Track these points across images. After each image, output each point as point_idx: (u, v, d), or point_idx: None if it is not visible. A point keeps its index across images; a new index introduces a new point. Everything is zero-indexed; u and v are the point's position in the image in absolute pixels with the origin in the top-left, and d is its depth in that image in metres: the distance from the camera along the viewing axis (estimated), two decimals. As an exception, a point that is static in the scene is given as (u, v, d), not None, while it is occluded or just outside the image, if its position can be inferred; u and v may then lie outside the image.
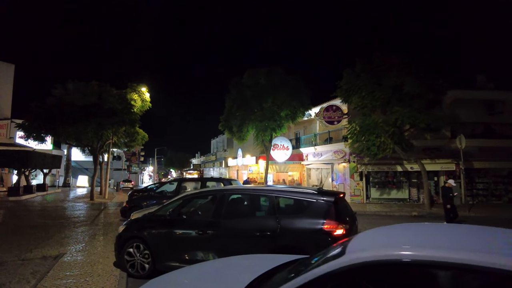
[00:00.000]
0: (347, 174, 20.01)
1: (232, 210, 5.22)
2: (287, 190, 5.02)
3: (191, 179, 12.76)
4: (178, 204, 5.61)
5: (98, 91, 20.27)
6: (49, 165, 24.13)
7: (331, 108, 19.81)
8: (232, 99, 19.84)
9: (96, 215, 13.50)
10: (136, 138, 25.65)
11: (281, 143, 23.84)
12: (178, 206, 5.56)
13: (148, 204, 11.26)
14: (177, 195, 11.04)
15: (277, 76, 18.87)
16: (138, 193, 19.84)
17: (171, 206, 5.75)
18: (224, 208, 5.15)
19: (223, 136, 53.17)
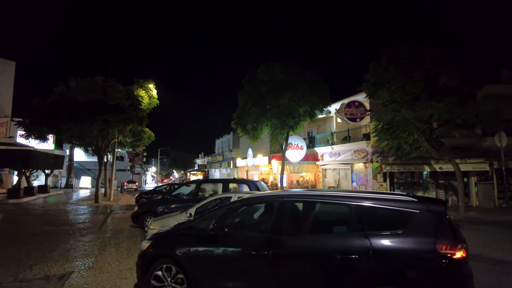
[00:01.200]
0: (370, 174, 18.71)
1: (298, 224, 3.93)
2: (374, 197, 3.73)
3: (210, 180, 11.47)
4: (222, 214, 4.31)
5: (103, 86, 19.00)
6: (51, 165, 22.90)
7: (353, 104, 18.53)
8: (246, 95, 18.56)
9: (103, 220, 12.24)
10: (143, 137, 24.39)
11: (295, 142, 22.59)
12: (222, 217, 4.27)
13: (164, 210, 10.00)
14: (195, 198, 9.83)
15: (294, 70, 17.60)
16: (146, 196, 18.68)
17: (211, 216, 4.47)
18: (286, 220, 3.86)
19: (229, 135, 51.92)
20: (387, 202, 3.62)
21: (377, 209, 3.62)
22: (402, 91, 14.40)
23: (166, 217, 7.38)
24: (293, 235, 3.78)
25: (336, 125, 22.97)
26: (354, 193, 3.91)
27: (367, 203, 3.65)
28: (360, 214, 3.61)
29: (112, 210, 16.06)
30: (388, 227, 3.53)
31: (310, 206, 4.01)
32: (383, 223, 3.66)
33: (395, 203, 3.57)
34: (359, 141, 19.54)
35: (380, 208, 3.62)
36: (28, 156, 19.01)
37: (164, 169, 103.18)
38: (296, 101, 17.52)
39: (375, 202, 3.66)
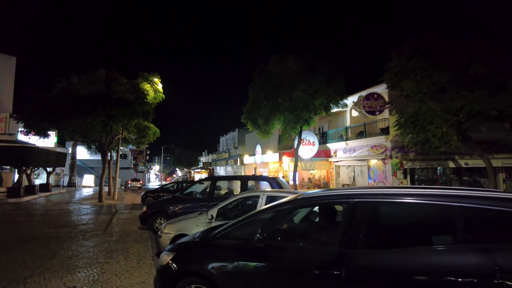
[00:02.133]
0: (389, 171, 17.65)
1: (380, 233, 2.92)
2: (491, 197, 2.70)
3: (226, 177, 10.46)
4: (270, 220, 3.29)
5: (106, 80, 18.00)
6: (52, 163, 21.99)
7: (371, 96, 17.44)
8: (257, 88, 17.53)
9: (108, 222, 11.28)
10: (148, 133, 23.42)
11: (307, 138, 21.57)
12: (269, 223, 3.25)
13: (175, 210, 9.01)
14: (211, 197, 8.83)
15: (309, 61, 16.54)
16: (153, 194, 17.74)
17: (253, 221, 3.44)
18: (362, 228, 2.84)
19: (234, 132, 50.96)
20: (502, 202, 2.60)
21: (498, 213, 2.59)
22: (429, 81, 13.34)
23: (182, 219, 6.38)
24: (373, 249, 2.75)
25: (350, 120, 21.93)
26: (454, 190, 2.88)
27: (482, 204, 2.62)
28: (468, 219, 2.59)
29: (117, 209, 15.10)
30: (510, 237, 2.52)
31: (395, 209, 2.98)
32: (499, 232, 2.64)
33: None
34: (376, 136, 18.47)
35: (491, 210, 2.60)
36: (29, 154, 18.08)
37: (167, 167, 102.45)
38: (311, 94, 16.46)
39: (485, 203, 2.63)
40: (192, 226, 5.95)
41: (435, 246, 2.68)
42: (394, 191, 2.99)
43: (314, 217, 4.07)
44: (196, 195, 9.71)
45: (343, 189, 3.30)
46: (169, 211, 9.17)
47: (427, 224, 2.92)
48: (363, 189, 3.09)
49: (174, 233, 6.02)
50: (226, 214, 6.10)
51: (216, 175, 11.33)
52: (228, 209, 6.13)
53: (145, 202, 17.39)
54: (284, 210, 3.28)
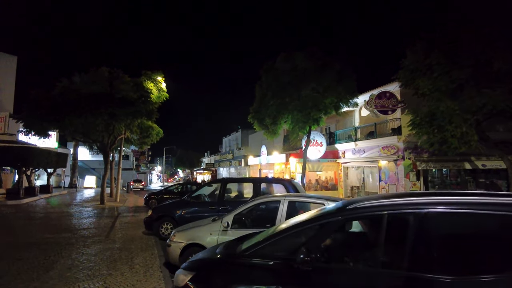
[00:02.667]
0: (401, 173, 17.01)
1: (465, 253, 2.28)
2: None
3: (237, 179, 9.76)
4: (315, 235, 2.65)
5: (109, 78, 17.44)
6: (53, 164, 21.43)
7: (384, 95, 16.80)
8: (265, 86, 16.93)
9: (110, 226, 10.67)
10: (151, 133, 22.85)
11: (314, 138, 20.91)
12: (315, 239, 2.62)
13: (183, 215, 8.41)
14: (221, 201, 8.21)
15: (318, 58, 15.93)
16: (156, 196, 17.13)
17: (291, 235, 2.81)
18: (440, 247, 2.22)
19: (237, 133, 50.38)
20: None
21: None
22: (447, 78, 12.71)
23: (194, 227, 5.75)
24: (460, 275, 2.13)
25: (360, 120, 21.29)
26: None
27: None
28: None
29: (120, 212, 14.51)
30: None
31: (479, 223, 2.35)
32: None
33: None
34: (388, 137, 17.84)
35: None
36: (29, 154, 17.52)
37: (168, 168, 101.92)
38: (321, 92, 15.84)
39: None
40: (205, 235, 5.34)
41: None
42: (469, 200, 2.36)
43: (349, 227, 3.44)
44: (205, 198, 9.10)
45: (405, 195, 2.67)
46: (176, 215, 8.57)
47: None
48: (432, 196, 2.47)
49: (185, 242, 5.41)
50: (243, 221, 5.49)
51: (226, 177, 10.66)
52: (245, 216, 5.51)
53: (149, 204, 16.81)
54: (332, 223, 2.65)
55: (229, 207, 8.18)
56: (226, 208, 8.18)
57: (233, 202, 8.44)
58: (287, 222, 3.32)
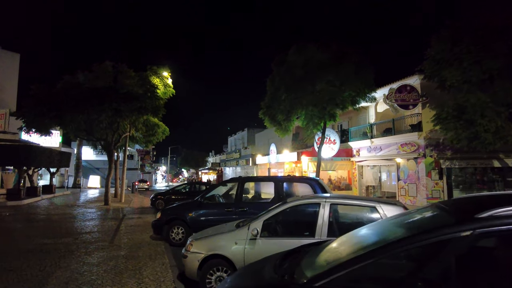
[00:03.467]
0: (422, 171, 16.00)
1: None
2: None
3: (256, 178, 8.80)
4: (440, 261, 1.72)
5: (113, 73, 16.62)
6: (56, 163, 20.64)
7: (404, 88, 15.79)
8: (277, 80, 15.98)
9: (115, 229, 9.80)
10: (157, 131, 22.02)
11: (327, 136, 19.92)
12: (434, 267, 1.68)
13: (197, 218, 7.52)
14: (238, 202, 7.29)
15: (335, 50, 14.95)
16: (163, 197, 16.27)
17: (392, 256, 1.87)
18: None
19: (243, 132, 49.49)
20: None
21: None
22: (478, 69, 11.72)
23: (215, 234, 4.83)
24: None
25: (375, 116, 20.28)
26: None
27: None
28: None
29: (125, 214, 13.65)
30: None
31: None
32: None
33: None
34: (407, 133, 16.83)
35: None
36: (30, 153, 16.73)
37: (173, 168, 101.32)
38: (337, 86, 14.86)
39: None
40: (229, 244, 4.42)
41: None
42: None
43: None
44: (219, 199, 8.20)
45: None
46: (188, 218, 7.68)
47: None
48: None
49: (204, 253, 4.50)
50: (274, 229, 4.56)
51: (244, 176, 9.75)
52: (277, 221, 4.58)
53: (155, 205, 15.96)
54: (455, 241, 1.71)
55: (248, 208, 7.30)
56: (244, 211, 7.28)
57: (251, 203, 7.55)
58: (355, 235, 2.38)
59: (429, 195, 15.73)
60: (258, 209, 7.26)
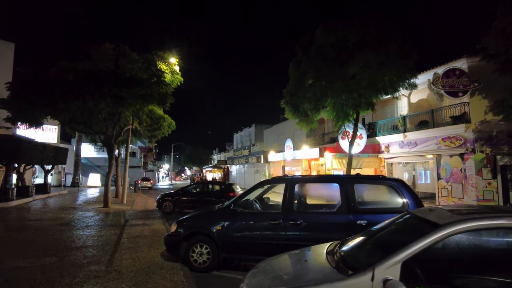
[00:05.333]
0: (471, 169, 13.79)
1: None
2: None
3: (312, 179, 6.36)
4: None
5: (113, 56, 14.46)
6: (50, 160, 18.54)
7: (452, 73, 13.55)
8: (304, 63, 13.76)
9: (114, 242, 7.65)
10: (162, 125, 19.86)
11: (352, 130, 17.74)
12: None
13: (228, 232, 5.40)
14: (289, 212, 5.13)
15: (376, 25, 12.70)
16: (171, 198, 14.13)
17: None
18: None
19: (250, 128, 47.31)
20: None
21: None
22: None
23: (289, 277, 2.65)
24: None
25: (408, 107, 18.05)
26: None
27: None
28: None
29: (127, 219, 11.52)
30: None
31: None
32: None
33: None
34: (451, 125, 14.60)
35: None
36: (18, 147, 14.62)
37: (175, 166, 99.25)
38: (374, 69, 12.63)
39: None
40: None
41: None
42: None
43: None
44: (256, 206, 6.01)
45: None
46: (216, 233, 5.51)
47: None
48: None
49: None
50: (427, 275, 2.36)
51: (293, 176, 7.71)
52: (430, 262, 2.38)
53: (162, 208, 13.84)
54: None
55: (302, 221, 5.14)
56: (297, 224, 5.13)
57: (307, 214, 5.38)
58: None
59: (479, 197, 13.54)
60: (319, 223, 5.10)
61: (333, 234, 5.03)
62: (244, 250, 5.42)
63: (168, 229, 9.42)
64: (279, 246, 5.17)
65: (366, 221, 4.92)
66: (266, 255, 5.31)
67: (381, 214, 4.94)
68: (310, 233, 5.08)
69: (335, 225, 5.05)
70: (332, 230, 5.02)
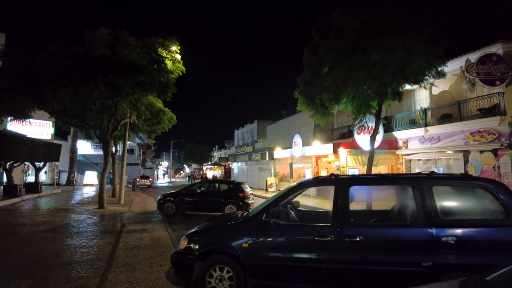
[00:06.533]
0: (506, 166, 12.46)
1: None
2: None
3: (370, 179, 4.63)
4: None
5: (109, 41, 12.97)
6: (41, 156, 17.08)
7: (488, 59, 12.14)
8: (322, 48, 12.32)
9: (108, 257, 6.24)
10: (162, 119, 18.42)
11: (369, 125, 16.38)
12: None
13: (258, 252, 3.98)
14: (342, 224, 3.69)
15: (402, 6, 11.25)
16: (174, 199, 12.71)
17: None
18: None
19: (252, 125, 45.87)
20: None
21: None
22: None
23: None
24: None
25: (430, 99, 16.66)
26: None
27: None
28: None
29: (124, 223, 10.11)
30: None
31: None
32: None
33: None
34: (482, 118, 13.23)
35: None
36: (3, 143, 13.16)
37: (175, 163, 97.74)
38: (404, 54, 11.19)
39: None
40: None
41: None
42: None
43: None
44: (292, 215, 4.60)
45: None
46: (241, 252, 4.11)
47: None
48: None
49: None
50: None
51: (345, 176, 6.41)
52: None
53: (164, 210, 12.43)
54: None
55: (362, 238, 3.74)
56: (355, 241, 3.73)
57: (368, 228, 3.97)
58: None
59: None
60: (387, 240, 3.71)
61: (407, 255, 3.65)
62: (281, 276, 4.04)
63: (172, 237, 8.03)
64: (331, 271, 3.79)
65: (454, 237, 3.54)
66: (313, 283, 3.92)
67: (475, 228, 3.57)
68: (375, 253, 3.70)
69: (410, 243, 3.67)
70: (406, 250, 3.65)
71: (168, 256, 6.11)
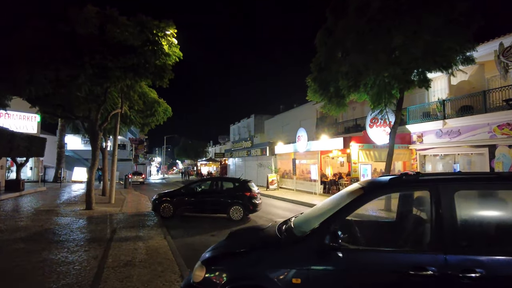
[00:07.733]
0: (541, 163, 11.27)
1: None
2: None
3: (480, 180, 3.21)
4: None
5: (97, 20, 11.38)
6: (22, 151, 15.43)
7: (526, 42, 10.91)
8: (339, 30, 10.93)
9: (92, 279, 4.81)
10: (156, 110, 16.89)
11: (383, 117, 15.11)
12: None
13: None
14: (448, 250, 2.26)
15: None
16: (171, 199, 11.23)
17: None
18: None
19: (249, 119, 44.46)
20: None
21: None
22: None
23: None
24: None
25: (449, 89, 15.45)
26: None
27: None
28: None
29: (114, 228, 8.66)
30: None
31: None
32: None
33: None
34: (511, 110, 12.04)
35: None
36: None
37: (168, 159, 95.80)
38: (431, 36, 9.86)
39: None
40: None
41: None
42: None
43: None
44: (360, 234, 3.24)
45: None
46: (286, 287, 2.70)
47: None
48: None
49: None
50: None
51: (443, 176, 5.09)
52: None
53: (160, 212, 10.96)
54: None
55: (484, 271, 2.37)
56: (474, 278, 2.36)
57: (489, 255, 2.59)
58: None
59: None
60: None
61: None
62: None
63: (172, 248, 6.63)
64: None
65: None
66: None
67: None
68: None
69: None
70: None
71: (171, 278, 4.72)
